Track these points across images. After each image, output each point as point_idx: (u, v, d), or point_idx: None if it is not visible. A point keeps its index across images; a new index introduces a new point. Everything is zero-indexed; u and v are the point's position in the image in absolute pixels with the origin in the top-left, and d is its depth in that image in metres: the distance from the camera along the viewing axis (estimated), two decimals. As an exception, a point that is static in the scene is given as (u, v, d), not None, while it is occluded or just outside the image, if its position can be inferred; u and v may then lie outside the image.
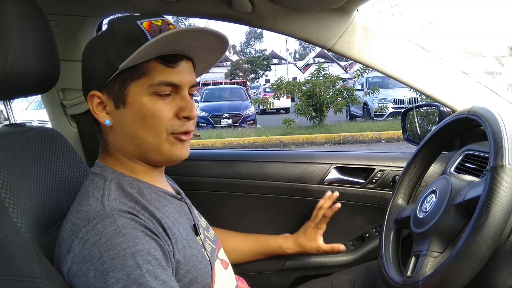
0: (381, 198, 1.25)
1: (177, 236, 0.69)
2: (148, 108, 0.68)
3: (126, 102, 0.68)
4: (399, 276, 0.81)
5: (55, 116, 1.32)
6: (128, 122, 0.69)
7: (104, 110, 0.70)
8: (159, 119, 0.68)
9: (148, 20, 0.68)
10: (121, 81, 0.68)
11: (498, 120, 0.72)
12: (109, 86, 0.68)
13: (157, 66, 0.67)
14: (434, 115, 1.31)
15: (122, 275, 0.56)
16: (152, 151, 0.70)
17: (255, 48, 48.79)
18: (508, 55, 20.34)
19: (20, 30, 0.69)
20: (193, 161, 1.32)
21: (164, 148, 0.70)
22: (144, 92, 0.68)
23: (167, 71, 0.68)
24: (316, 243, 1.10)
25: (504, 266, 0.68)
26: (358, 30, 1.07)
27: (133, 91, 0.68)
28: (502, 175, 0.63)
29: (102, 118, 0.70)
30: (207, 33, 0.67)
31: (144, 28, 0.67)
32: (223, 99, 11.88)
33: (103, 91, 0.69)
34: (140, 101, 0.68)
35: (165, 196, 0.74)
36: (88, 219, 0.61)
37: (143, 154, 0.71)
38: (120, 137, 0.71)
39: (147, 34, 0.67)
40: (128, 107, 0.68)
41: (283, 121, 8.68)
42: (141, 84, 0.67)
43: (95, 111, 0.70)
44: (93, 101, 0.70)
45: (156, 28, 0.68)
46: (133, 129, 0.69)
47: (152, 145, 0.69)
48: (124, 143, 0.71)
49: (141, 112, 0.68)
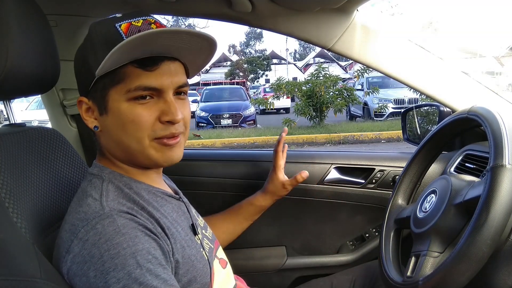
0: (381, 198, 1.25)
1: (176, 236, 0.69)
2: (127, 114, 0.65)
3: (107, 109, 0.67)
4: (399, 276, 0.81)
5: (55, 116, 1.32)
6: (111, 128, 0.68)
7: (93, 115, 0.70)
8: (139, 125, 0.66)
9: (127, 22, 0.66)
10: (101, 88, 0.66)
11: (498, 120, 0.72)
12: (92, 92, 0.68)
13: (133, 70, 0.64)
14: (434, 115, 1.31)
15: (123, 275, 0.56)
16: (138, 156, 0.69)
17: (255, 48, 48.80)
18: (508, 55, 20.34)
19: (20, 30, 0.69)
20: (193, 161, 1.32)
21: (149, 153, 0.68)
22: (122, 98, 0.65)
23: (144, 75, 0.65)
24: (279, 181, 1.07)
25: (504, 266, 0.68)
26: (358, 30, 1.07)
27: (113, 98, 0.66)
28: (502, 175, 0.63)
29: (91, 124, 0.70)
30: (180, 33, 0.64)
31: (122, 30, 0.65)
32: (223, 99, 11.88)
33: (88, 97, 0.69)
34: (119, 107, 0.66)
35: (162, 196, 0.74)
36: (87, 219, 0.61)
37: (131, 159, 0.70)
38: (109, 142, 0.71)
39: (124, 37, 0.64)
40: (110, 114, 0.67)
41: (283, 121, 8.67)
42: (119, 90, 0.65)
43: (84, 117, 0.70)
44: (82, 107, 0.70)
45: (134, 29, 0.65)
46: (117, 135, 0.68)
47: (137, 151, 0.68)
48: (113, 147, 0.71)
49: (121, 119, 0.66)
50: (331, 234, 1.32)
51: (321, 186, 1.27)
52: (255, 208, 1.09)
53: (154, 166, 0.73)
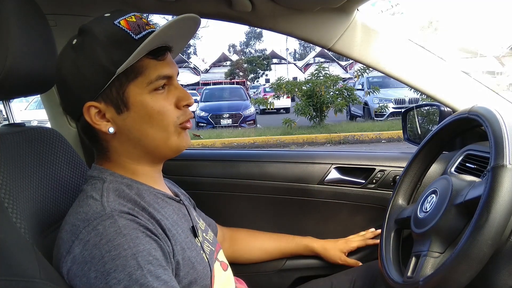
0: (382, 198, 1.25)
1: (176, 237, 0.69)
2: (153, 106, 0.68)
3: (128, 105, 0.67)
4: (399, 276, 0.81)
5: (55, 116, 1.32)
6: (133, 125, 0.68)
7: (104, 118, 0.68)
8: (164, 114, 0.69)
9: (123, 19, 0.67)
10: (118, 85, 0.66)
11: (499, 120, 0.71)
12: (105, 93, 0.67)
13: (150, 62, 0.67)
14: (434, 115, 1.31)
15: (124, 276, 0.56)
16: (161, 146, 0.71)
17: (255, 47, 48.79)
18: (508, 55, 20.33)
19: (20, 30, 0.69)
20: (193, 161, 1.32)
21: (172, 140, 0.71)
22: (144, 91, 0.67)
23: (159, 65, 0.68)
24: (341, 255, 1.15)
25: (504, 267, 0.68)
26: (359, 30, 1.07)
27: (133, 92, 0.67)
28: (503, 175, 0.63)
29: (105, 127, 0.68)
30: (189, 19, 0.68)
31: (124, 27, 0.66)
32: (223, 99, 11.87)
33: (99, 100, 0.67)
34: (142, 100, 0.67)
35: (163, 198, 0.74)
36: (88, 220, 0.61)
37: (151, 152, 0.71)
38: (125, 141, 0.70)
39: (130, 33, 0.66)
40: (132, 109, 0.67)
41: (283, 121, 8.68)
42: (139, 84, 0.67)
43: (95, 122, 0.67)
44: (91, 112, 0.67)
45: (134, 24, 0.67)
46: (140, 130, 0.68)
47: (161, 141, 0.70)
48: (130, 146, 0.70)
49: (146, 112, 0.68)
50: (331, 234, 1.32)
51: (321, 186, 1.27)
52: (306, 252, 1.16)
53: (171, 155, 0.74)
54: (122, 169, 0.71)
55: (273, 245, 1.13)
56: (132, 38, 0.66)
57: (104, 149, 0.71)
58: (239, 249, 1.10)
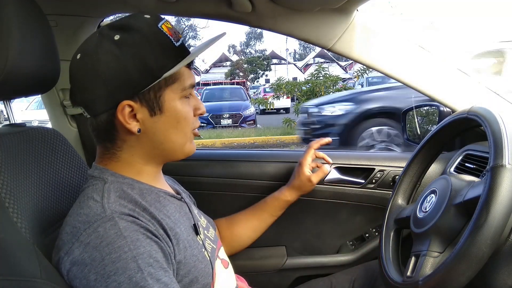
0: (381, 198, 1.25)
1: (179, 236, 0.69)
2: (182, 112, 0.71)
3: (163, 108, 0.69)
4: (399, 276, 0.81)
5: (55, 116, 1.32)
6: (161, 128, 0.70)
7: (134, 118, 0.68)
8: (188, 121, 0.73)
9: (162, 23, 0.68)
10: (156, 88, 0.67)
11: (498, 120, 0.72)
12: (143, 94, 0.67)
13: (185, 70, 0.71)
14: (434, 115, 1.31)
15: (124, 279, 0.57)
16: (178, 151, 0.74)
17: (255, 48, 48.77)
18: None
19: (20, 30, 0.69)
20: (193, 161, 1.32)
21: (187, 145, 0.74)
22: (177, 97, 0.70)
23: (191, 74, 0.73)
24: (309, 180, 1.08)
25: (504, 266, 0.68)
26: (358, 30, 1.07)
27: (169, 97, 0.69)
28: (502, 175, 0.63)
29: (135, 127, 0.67)
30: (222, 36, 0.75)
31: (167, 32, 0.68)
32: (223, 99, 11.87)
33: (135, 99, 0.66)
34: (175, 106, 0.70)
35: (165, 196, 0.74)
36: (89, 222, 0.61)
37: (166, 154, 0.74)
38: (146, 142, 0.70)
39: (172, 40, 0.68)
40: (164, 113, 0.69)
41: (283, 121, 8.67)
42: (174, 89, 0.70)
43: (127, 121, 0.67)
44: (125, 111, 0.66)
45: (172, 31, 0.69)
46: (165, 133, 0.71)
47: (179, 146, 0.73)
48: (150, 147, 0.71)
49: (176, 117, 0.70)
50: (331, 234, 1.32)
51: (321, 186, 1.27)
52: (281, 203, 1.09)
53: (182, 158, 0.76)
54: (127, 168, 0.71)
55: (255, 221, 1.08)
56: (174, 45, 0.68)
57: (117, 147, 0.70)
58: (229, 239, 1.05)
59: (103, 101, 0.66)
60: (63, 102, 1.28)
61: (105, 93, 0.65)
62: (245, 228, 1.06)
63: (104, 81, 0.65)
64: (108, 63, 0.64)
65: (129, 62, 0.64)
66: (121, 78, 0.65)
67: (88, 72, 0.65)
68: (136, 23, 0.66)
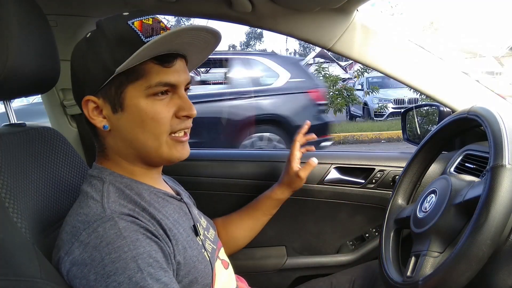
0: (381, 198, 1.25)
1: (178, 237, 0.69)
2: (147, 111, 0.67)
3: (123, 106, 0.67)
4: (399, 276, 0.81)
5: (55, 116, 1.32)
6: (126, 126, 0.68)
7: (101, 114, 0.68)
8: (158, 122, 0.67)
9: (139, 20, 0.66)
10: (117, 84, 0.66)
11: (498, 120, 0.72)
12: (104, 90, 0.67)
13: (153, 67, 0.66)
14: (434, 115, 1.31)
15: (124, 278, 0.57)
16: (152, 154, 0.70)
17: (255, 48, 48.73)
18: (508, 55, 20.31)
19: (20, 30, 0.69)
20: (193, 161, 1.32)
21: (163, 151, 0.70)
22: (141, 95, 0.66)
23: (163, 71, 0.67)
24: (299, 176, 1.04)
25: (504, 266, 0.68)
26: (358, 30, 1.07)
27: (130, 94, 0.66)
28: (502, 175, 0.63)
29: (100, 123, 0.68)
30: (202, 30, 0.66)
31: (136, 28, 0.65)
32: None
33: (98, 95, 0.67)
34: (138, 104, 0.66)
35: (164, 197, 0.74)
36: (89, 222, 0.61)
37: (143, 157, 0.71)
38: (118, 141, 0.70)
39: (140, 35, 0.65)
40: (126, 111, 0.67)
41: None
42: (138, 87, 0.66)
43: (91, 116, 0.68)
44: (88, 106, 0.68)
45: (148, 27, 0.66)
46: (132, 133, 0.68)
47: (152, 149, 0.69)
48: (123, 147, 0.70)
49: (140, 116, 0.67)
50: (331, 234, 1.32)
51: (321, 186, 1.27)
52: (273, 201, 1.07)
53: (164, 164, 0.74)
54: (120, 168, 0.71)
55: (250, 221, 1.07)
56: (141, 39, 0.65)
57: (102, 145, 0.72)
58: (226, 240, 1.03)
59: (78, 98, 0.70)
60: (63, 102, 1.28)
61: (77, 89, 0.70)
62: (239, 227, 1.05)
63: (77, 78, 0.70)
64: (78, 60, 0.69)
65: (90, 58, 0.67)
66: (84, 74, 0.68)
67: (72, 70, 0.71)
68: (105, 20, 0.68)
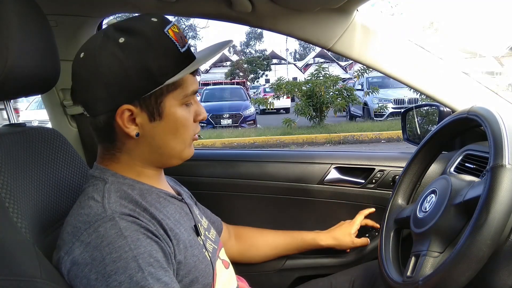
0: (381, 198, 1.25)
1: (179, 236, 0.69)
2: (181, 119, 0.70)
3: (162, 114, 0.68)
4: (399, 276, 0.81)
5: (55, 116, 1.32)
6: (160, 133, 0.69)
7: (133, 122, 0.67)
8: (188, 128, 0.72)
9: (169, 28, 0.66)
10: (158, 94, 0.66)
11: (498, 120, 0.72)
12: (143, 99, 0.66)
13: (188, 77, 0.69)
14: (434, 115, 1.31)
15: (124, 278, 0.57)
16: (175, 156, 0.73)
17: (255, 48, 48.72)
18: (508, 55, 20.30)
19: (20, 30, 0.69)
20: (193, 161, 1.32)
21: (185, 152, 0.74)
22: (178, 103, 0.69)
23: (194, 80, 0.71)
24: (351, 237, 1.13)
25: (504, 266, 0.68)
26: (358, 30, 1.07)
27: (169, 103, 0.68)
28: (502, 175, 0.63)
29: (133, 131, 0.67)
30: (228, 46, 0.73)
31: (172, 37, 0.66)
32: (223, 99, 11.87)
33: (135, 104, 0.66)
34: (175, 112, 0.69)
35: (165, 197, 0.74)
36: (90, 222, 0.61)
37: (164, 161, 0.73)
38: (145, 146, 0.70)
39: (177, 45, 0.66)
40: (164, 119, 0.68)
41: (283, 121, 8.67)
42: (176, 96, 0.68)
43: (126, 126, 0.66)
44: (124, 115, 0.66)
45: (178, 36, 0.67)
46: (164, 140, 0.70)
47: (177, 152, 0.72)
48: (148, 152, 0.71)
49: (175, 124, 0.69)
50: None
51: (321, 186, 1.27)
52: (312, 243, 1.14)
53: (178, 163, 0.76)
54: (127, 170, 0.71)
55: (280, 240, 1.13)
56: (179, 51, 0.67)
57: (116, 149, 0.70)
58: (247, 246, 1.10)
59: (103, 103, 0.65)
60: (63, 102, 1.28)
61: (106, 96, 0.65)
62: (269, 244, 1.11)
63: (105, 83, 0.64)
64: (110, 67, 0.63)
65: (131, 67, 0.63)
66: (122, 82, 0.64)
67: (91, 73, 0.65)
68: (142, 27, 0.65)
